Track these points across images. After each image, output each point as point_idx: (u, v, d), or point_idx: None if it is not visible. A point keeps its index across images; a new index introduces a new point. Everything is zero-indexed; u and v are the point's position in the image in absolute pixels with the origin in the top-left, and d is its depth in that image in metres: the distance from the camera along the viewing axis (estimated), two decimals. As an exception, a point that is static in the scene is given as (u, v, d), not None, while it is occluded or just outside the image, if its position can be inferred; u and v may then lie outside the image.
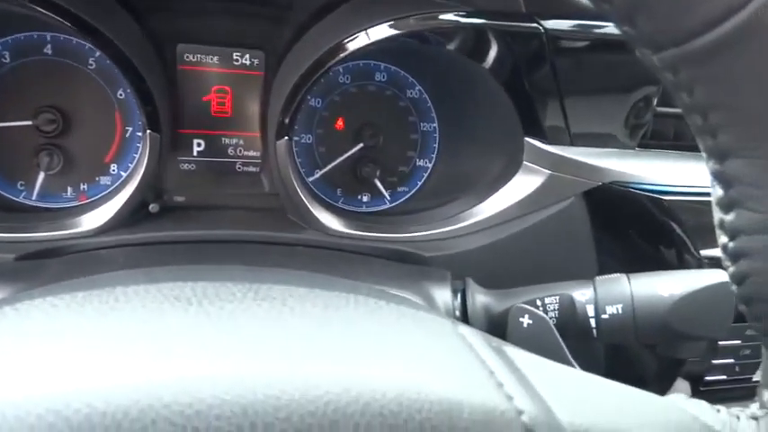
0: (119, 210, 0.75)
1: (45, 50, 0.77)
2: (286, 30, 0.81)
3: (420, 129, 0.90)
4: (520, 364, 0.33)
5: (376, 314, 0.35)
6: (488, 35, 0.75)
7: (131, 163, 0.81)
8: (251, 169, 0.86)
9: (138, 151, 0.80)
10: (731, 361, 0.82)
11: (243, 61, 0.82)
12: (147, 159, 0.75)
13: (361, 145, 0.86)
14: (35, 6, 0.66)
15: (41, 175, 0.78)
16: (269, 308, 0.33)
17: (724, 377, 0.83)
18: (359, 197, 0.90)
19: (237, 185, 0.85)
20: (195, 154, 0.84)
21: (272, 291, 0.35)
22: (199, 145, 0.84)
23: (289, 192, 0.78)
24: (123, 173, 0.81)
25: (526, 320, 0.58)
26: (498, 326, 0.61)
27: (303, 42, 0.78)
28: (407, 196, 0.91)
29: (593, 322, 0.60)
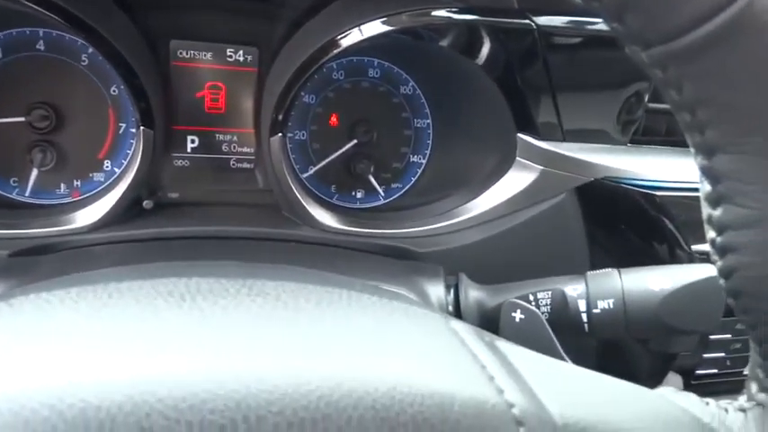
0: (112, 206, 0.75)
1: (38, 46, 0.77)
2: (279, 26, 0.81)
3: (414, 125, 0.90)
4: (511, 358, 0.34)
5: (369, 309, 0.36)
6: (481, 32, 0.75)
7: (125, 159, 0.81)
8: (245, 166, 0.86)
9: (132, 148, 0.80)
10: (722, 355, 0.82)
11: (236, 57, 0.82)
12: (141, 156, 0.75)
13: (354, 141, 0.86)
14: (27, 2, 0.65)
15: (34, 172, 0.78)
16: (262, 303, 0.33)
17: (715, 371, 0.83)
18: (353, 193, 0.90)
19: (231, 182, 0.85)
20: (189, 150, 0.84)
21: (266, 286, 0.35)
22: (193, 141, 0.84)
23: (283, 188, 0.78)
24: (117, 169, 0.81)
25: (518, 315, 0.58)
26: (491, 321, 0.61)
27: (296, 38, 0.78)
28: (401, 192, 0.91)
29: (584, 317, 0.60)
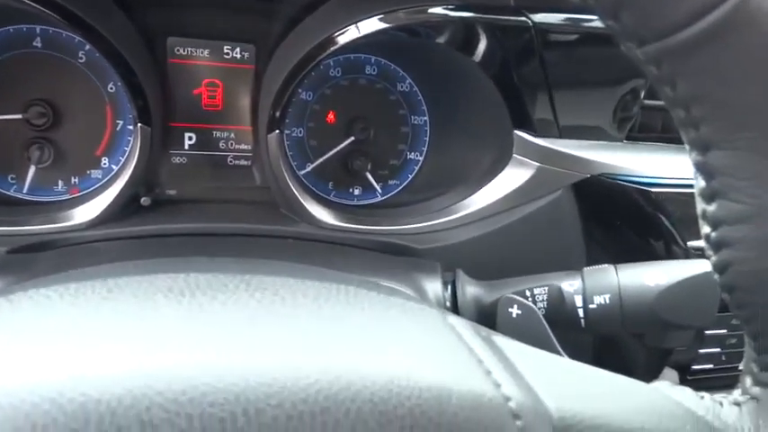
0: (110, 203, 0.75)
1: (34, 44, 0.77)
2: (276, 23, 0.81)
3: (411, 122, 0.90)
4: (508, 353, 0.34)
5: (366, 304, 0.36)
6: (477, 29, 0.76)
7: (122, 156, 0.81)
8: (242, 163, 0.86)
9: (129, 145, 0.80)
10: (717, 350, 0.83)
11: (233, 55, 0.82)
12: (139, 153, 0.75)
13: (352, 138, 0.87)
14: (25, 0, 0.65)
15: (32, 169, 0.78)
16: (261, 298, 0.33)
17: (711, 366, 0.84)
18: (350, 190, 0.90)
19: (229, 179, 0.86)
20: (186, 147, 0.84)
21: (264, 282, 0.36)
22: (190, 138, 0.84)
23: (280, 185, 0.79)
24: (114, 166, 0.81)
25: (515, 311, 0.59)
26: (488, 316, 0.62)
27: (294, 35, 0.78)
28: (398, 189, 0.91)
29: (581, 312, 0.60)
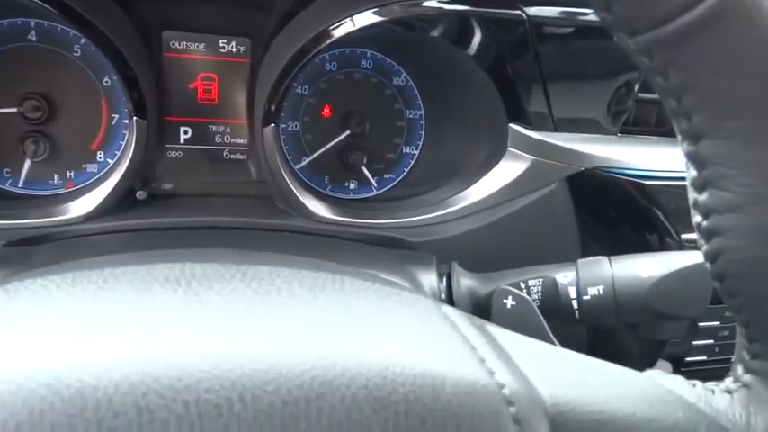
0: (106, 197, 0.75)
1: (29, 37, 0.76)
2: (272, 17, 0.81)
3: (406, 116, 0.90)
4: (501, 341, 0.34)
5: (362, 294, 0.36)
6: (472, 22, 0.76)
7: (118, 150, 0.81)
8: (238, 157, 0.86)
9: (125, 139, 0.80)
10: (710, 342, 0.83)
11: (229, 48, 0.82)
12: (134, 147, 0.75)
13: (347, 132, 0.87)
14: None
15: (27, 163, 0.78)
16: (257, 288, 0.34)
17: (704, 358, 0.84)
18: (346, 184, 0.90)
19: (225, 173, 0.86)
20: (182, 141, 0.84)
21: (260, 272, 0.36)
22: (186, 132, 0.84)
23: (276, 179, 0.79)
24: (110, 160, 0.81)
25: (510, 302, 0.59)
26: (483, 308, 0.62)
27: (289, 29, 0.78)
28: (394, 183, 0.91)
29: (575, 303, 0.61)
